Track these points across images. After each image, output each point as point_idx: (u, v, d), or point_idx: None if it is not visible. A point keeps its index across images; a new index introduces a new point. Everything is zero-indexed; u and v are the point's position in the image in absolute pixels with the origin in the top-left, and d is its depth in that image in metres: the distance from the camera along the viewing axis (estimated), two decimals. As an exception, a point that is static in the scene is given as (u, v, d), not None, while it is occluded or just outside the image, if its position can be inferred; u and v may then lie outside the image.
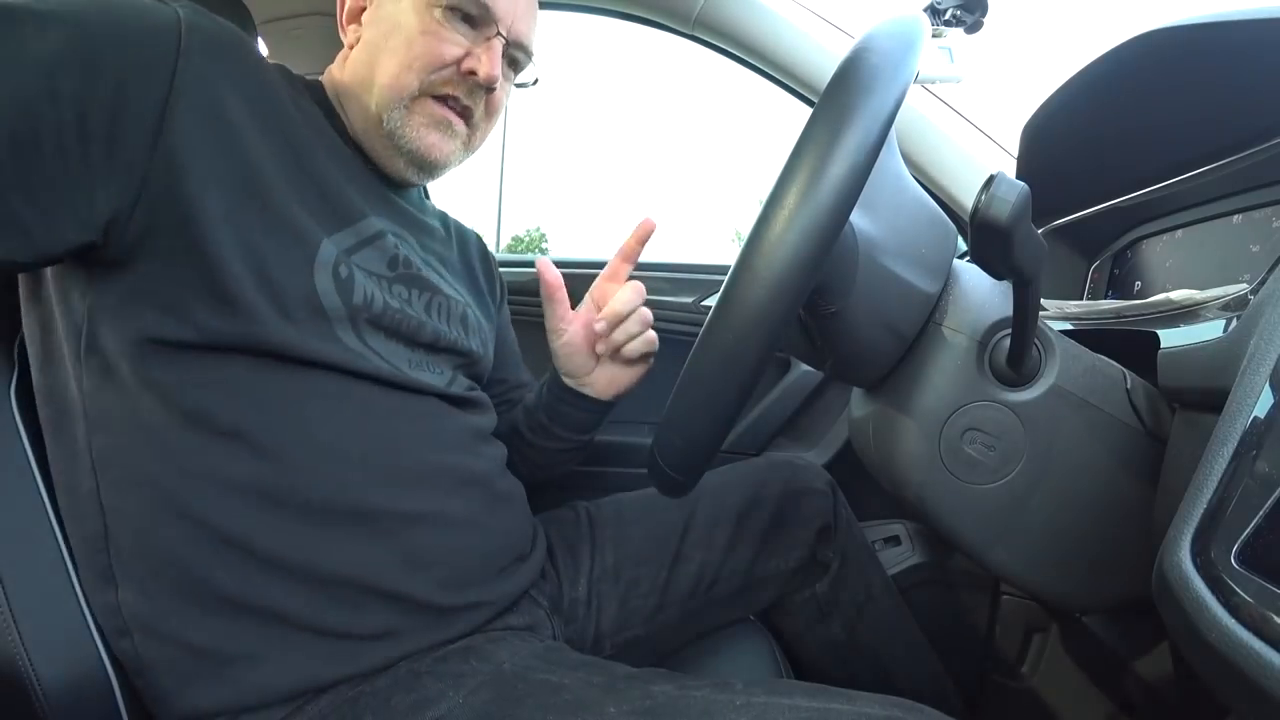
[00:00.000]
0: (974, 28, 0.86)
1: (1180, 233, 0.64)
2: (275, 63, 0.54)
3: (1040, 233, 0.36)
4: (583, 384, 0.66)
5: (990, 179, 0.33)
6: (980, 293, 0.47)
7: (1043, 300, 0.47)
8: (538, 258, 0.56)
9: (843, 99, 0.33)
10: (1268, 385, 0.28)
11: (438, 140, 0.57)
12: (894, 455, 0.48)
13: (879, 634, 0.72)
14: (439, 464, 0.52)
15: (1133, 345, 0.47)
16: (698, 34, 1.01)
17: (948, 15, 0.85)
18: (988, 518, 0.46)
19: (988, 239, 0.34)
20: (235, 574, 0.44)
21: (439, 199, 0.85)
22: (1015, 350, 0.43)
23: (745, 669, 0.65)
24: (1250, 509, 0.25)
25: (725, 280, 0.35)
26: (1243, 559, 0.25)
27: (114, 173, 0.41)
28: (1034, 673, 0.79)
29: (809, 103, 1.00)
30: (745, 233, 0.35)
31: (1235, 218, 0.56)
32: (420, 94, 0.56)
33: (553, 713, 0.42)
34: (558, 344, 0.65)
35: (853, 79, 0.34)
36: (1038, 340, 0.45)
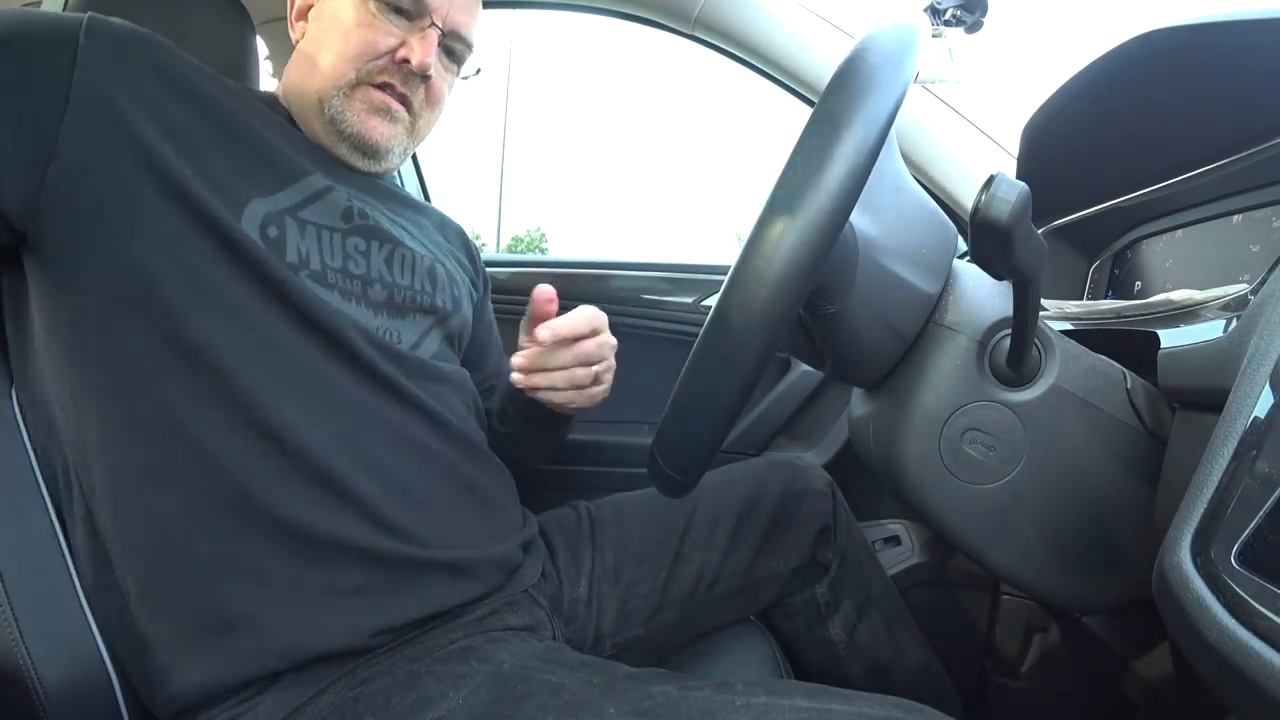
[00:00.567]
0: (974, 28, 0.86)
1: (1180, 233, 0.64)
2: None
3: (1040, 233, 0.36)
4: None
5: (990, 179, 0.33)
6: (980, 293, 0.47)
7: (1043, 300, 0.47)
8: (540, 286, 0.55)
9: (842, 100, 0.33)
10: (1268, 385, 0.28)
11: (378, 124, 0.59)
12: (894, 455, 0.48)
13: (879, 634, 0.72)
14: (403, 442, 0.52)
15: (1133, 345, 0.47)
16: (698, 34, 1.01)
17: (948, 15, 0.85)
18: (988, 518, 0.46)
19: (988, 239, 0.34)
20: (218, 536, 0.46)
21: (439, 199, 0.85)
22: (1015, 350, 0.43)
23: (745, 669, 0.65)
24: (1250, 509, 0.25)
25: (725, 281, 0.35)
26: (1243, 559, 0.25)
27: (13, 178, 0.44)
28: (1034, 673, 0.79)
29: (809, 103, 1.00)
30: (745, 233, 0.35)
31: (1235, 218, 0.56)
32: (358, 82, 0.58)
33: (553, 713, 0.42)
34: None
35: (852, 80, 0.34)
36: (1038, 340, 0.45)
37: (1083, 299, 0.78)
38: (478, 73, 0.67)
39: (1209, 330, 0.41)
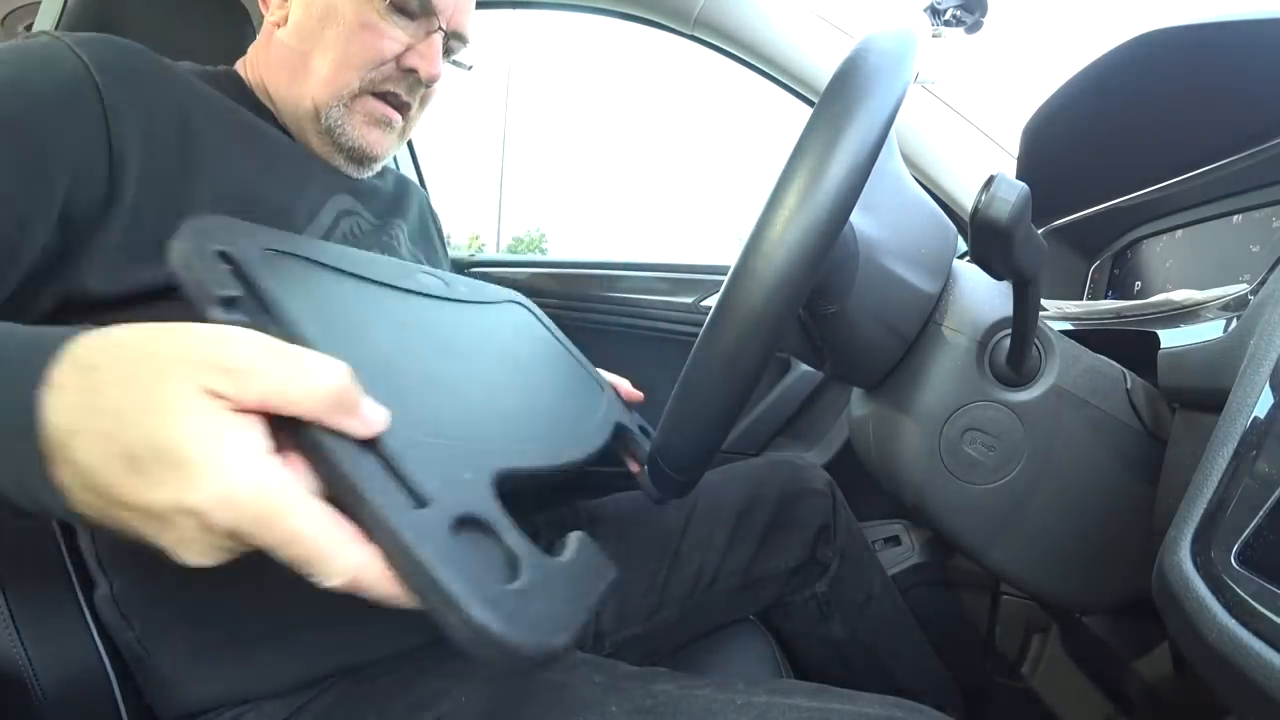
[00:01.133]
0: (974, 28, 0.86)
1: (1180, 233, 0.64)
2: (184, 64, 0.52)
3: (1040, 233, 0.36)
4: None
5: (990, 179, 0.33)
6: (980, 293, 0.47)
7: (1043, 300, 0.47)
8: None
9: (842, 101, 0.33)
10: (1268, 385, 0.28)
11: (378, 137, 0.57)
12: (894, 455, 0.48)
13: (879, 634, 0.72)
14: None
15: (1133, 345, 0.47)
16: (698, 34, 1.01)
17: (948, 15, 0.85)
18: (987, 518, 0.46)
19: (988, 239, 0.34)
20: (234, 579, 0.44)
21: (441, 200, 0.85)
22: (1015, 350, 0.43)
23: (745, 669, 0.65)
24: (1250, 509, 0.25)
25: (725, 282, 0.35)
26: (1243, 559, 0.25)
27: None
28: (1034, 673, 0.79)
29: (809, 103, 1.00)
30: (745, 233, 0.35)
31: (1235, 218, 0.56)
32: (360, 92, 0.54)
33: (555, 711, 0.42)
34: None
35: (852, 81, 0.34)
36: (1038, 340, 0.45)
37: (1083, 299, 0.78)
38: (470, 68, 0.65)
39: (1209, 330, 0.41)
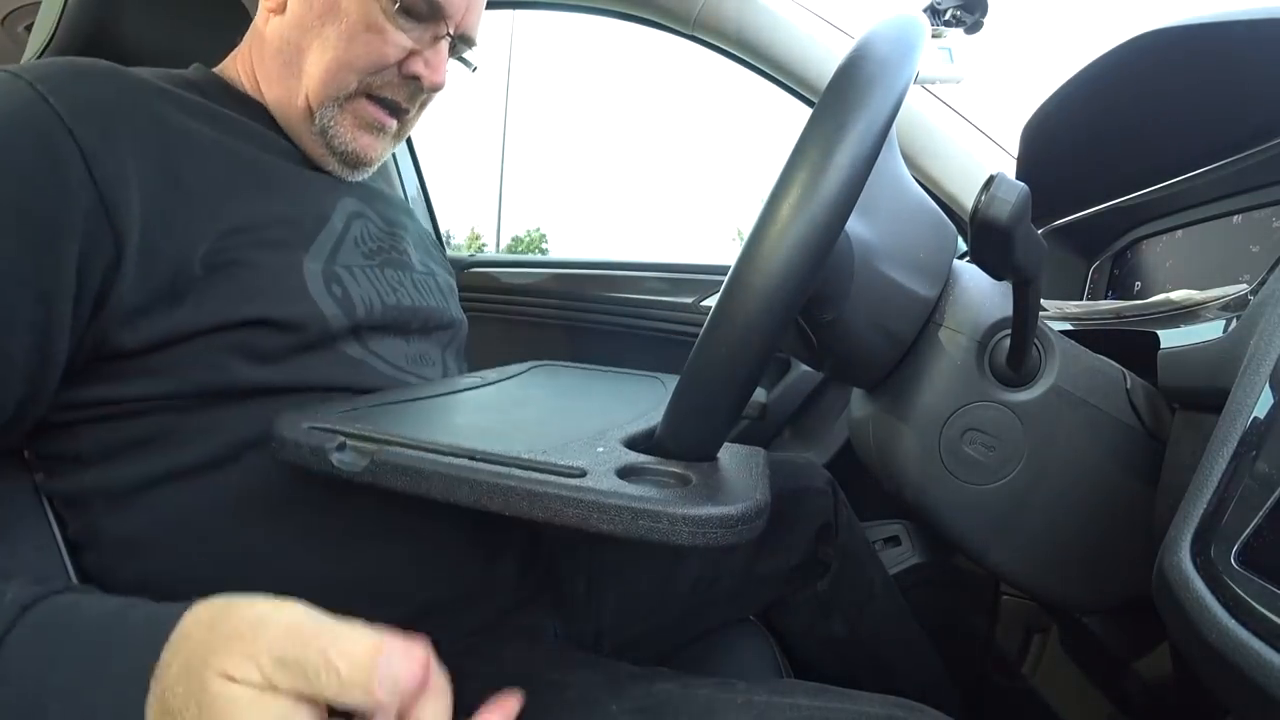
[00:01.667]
0: (974, 28, 0.86)
1: (1180, 233, 0.64)
2: (156, 72, 0.50)
3: (1040, 233, 0.36)
4: None
5: (990, 179, 0.33)
6: (980, 293, 0.46)
7: (1043, 300, 0.47)
8: None
9: (838, 107, 0.33)
10: (1268, 385, 0.28)
11: (371, 142, 0.55)
12: (894, 455, 0.48)
13: (880, 633, 0.72)
14: None
15: (1133, 345, 0.47)
16: (698, 34, 1.01)
17: (948, 15, 0.85)
18: (987, 518, 0.46)
19: (988, 239, 0.34)
20: (236, 591, 0.44)
21: (441, 199, 0.85)
22: (1015, 350, 0.43)
23: (746, 668, 0.65)
24: (1250, 509, 0.25)
25: (725, 282, 0.35)
26: (1243, 559, 0.25)
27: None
28: (1034, 673, 0.79)
29: (809, 103, 1.00)
30: (745, 231, 0.35)
31: (1235, 218, 0.56)
32: (356, 94, 0.52)
33: (555, 710, 0.42)
34: None
35: (848, 86, 0.33)
36: (1038, 340, 0.45)
37: (1083, 299, 0.78)
38: (474, 70, 0.64)
39: (1209, 330, 0.41)
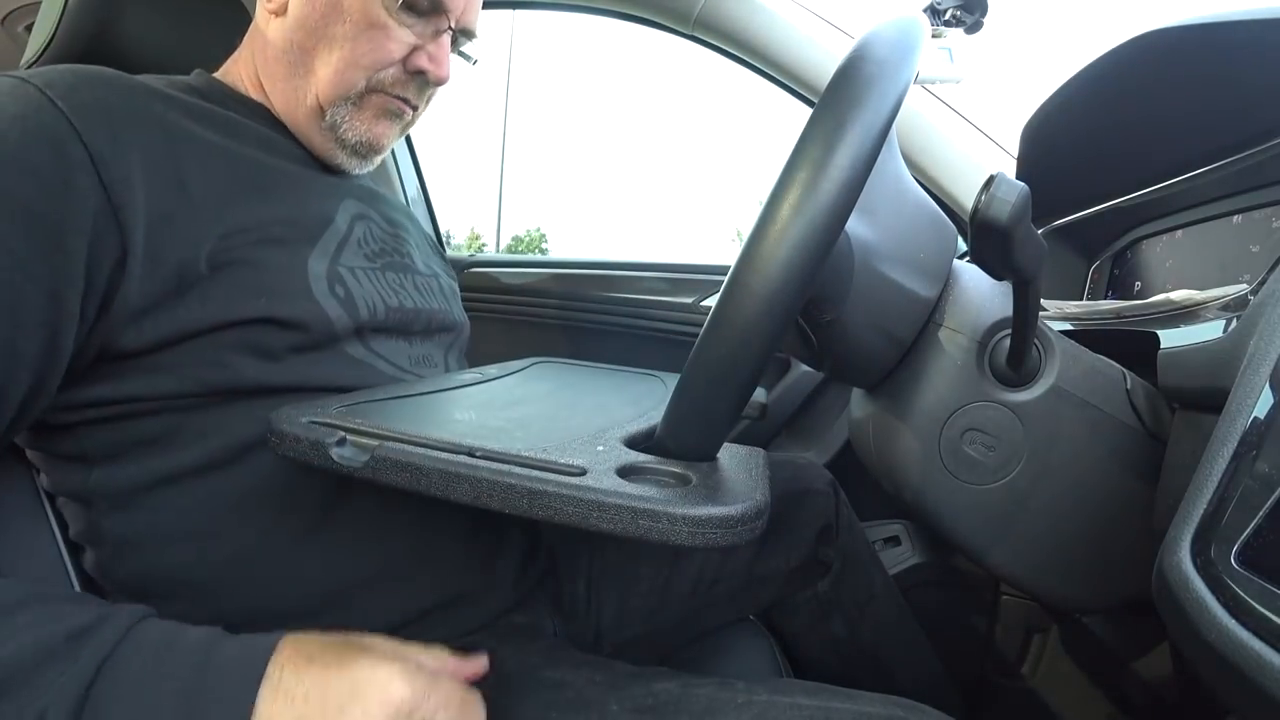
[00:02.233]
0: (974, 28, 0.86)
1: (1180, 233, 0.64)
2: (161, 78, 0.50)
3: (1040, 233, 0.36)
4: None
5: (990, 179, 0.33)
6: (980, 293, 0.46)
7: (1043, 300, 0.47)
8: None
9: (837, 107, 0.33)
10: (1268, 385, 0.28)
11: (385, 128, 0.57)
12: (894, 456, 0.48)
13: (880, 633, 0.72)
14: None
15: (1133, 345, 0.47)
16: (697, 34, 1.01)
17: (948, 15, 0.85)
18: (988, 518, 0.46)
19: (988, 239, 0.34)
20: (237, 589, 0.44)
21: (442, 199, 0.86)
22: (1015, 350, 0.43)
23: (746, 668, 0.65)
24: (1250, 509, 0.25)
25: (720, 293, 0.35)
26: (1243, 559, 0.25)
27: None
28: (1034, 673, 0.79)
29: (809, 103, 1.00)
30: (745, 231, 0.35)
31: (1235, 218, 0.56)
32: (368, 90, 0.54)
33: (555, 710, 0.42)
34: None
35: (848, 86, 0.33)
36: (1038, 340, 0.45)
37: (1083, 299, 0.78)
38: (475, 63, 0.64)
39: (1209, 330, 0.41)
